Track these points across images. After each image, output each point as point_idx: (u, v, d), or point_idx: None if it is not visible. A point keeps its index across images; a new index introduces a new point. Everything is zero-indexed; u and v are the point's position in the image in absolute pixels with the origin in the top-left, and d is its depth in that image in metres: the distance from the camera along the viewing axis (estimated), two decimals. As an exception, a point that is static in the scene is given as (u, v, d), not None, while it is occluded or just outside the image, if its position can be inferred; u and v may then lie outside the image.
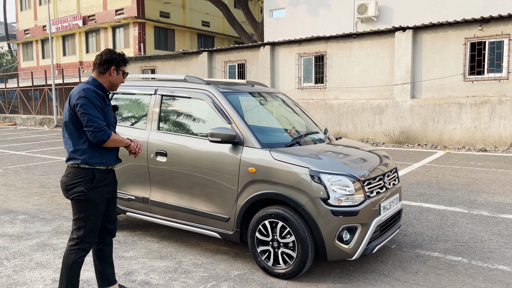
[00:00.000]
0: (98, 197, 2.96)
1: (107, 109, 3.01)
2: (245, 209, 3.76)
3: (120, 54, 3.06)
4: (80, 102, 2.85)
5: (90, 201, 2.93)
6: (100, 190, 2.97)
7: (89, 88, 2.91)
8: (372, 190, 3.66)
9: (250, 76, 16.01)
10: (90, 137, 2.86)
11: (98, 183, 2.95)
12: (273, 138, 4.11)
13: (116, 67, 3.05)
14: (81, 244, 2.97)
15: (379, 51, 13.06)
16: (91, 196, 2.92)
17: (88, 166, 2.92)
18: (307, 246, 3.46)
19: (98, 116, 2.88)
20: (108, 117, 3.02)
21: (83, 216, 2.94)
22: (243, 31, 24.03)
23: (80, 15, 31.58)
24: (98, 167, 2.96)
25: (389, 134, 12.82)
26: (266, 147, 3.77)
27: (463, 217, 5.44)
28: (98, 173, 2.96)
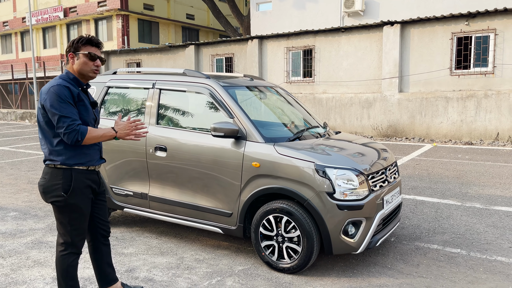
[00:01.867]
0: (80, 200, 2.71)
1: (82, 106, 2.71)
2: (248, 204, 3.74)
3: (80, 38, 2.69)
4: (48, 100, 2.58)
5: (72, 205, 2.69)
6: (81, 192, 2.72)
7: (59, 84, 2.62)
8: (376, 184, 3.68)
9: (238, 70, 15.92)
10: (64, 138, 2.59)
11: (78, 185, 2.69)
12: (276, 132, 4.08)
13: (74, 52, 2.69)
14: (71, 248, 2.77)
15: (367, 45, 13.13)
16: (72, 200, 2.67)
17: (66, 166, 2.67)
18: (312, 240, 3.46)
19: (70, 114, 2.58)
20: (85, 115, 2.72)
21: (67, 221, 2.72)
22: (229, 24, 23.84)
23: (61, 6, 30.86)
24: (77, 167, 2.70)
25: (377, 127, 12.94)
26: (270, 141, 3.75)
27: (457, 209, 5.52)
28: (78, 174, 2.70)
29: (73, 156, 2.69)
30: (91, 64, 2.72)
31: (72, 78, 2.73)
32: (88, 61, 2.70)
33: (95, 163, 2.81)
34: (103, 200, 2.99)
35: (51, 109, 2.58)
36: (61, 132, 2.58)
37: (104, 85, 4.93)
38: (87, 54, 2.68)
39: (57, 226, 2.78)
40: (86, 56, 2.69)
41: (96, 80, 5.07)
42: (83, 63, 2.70)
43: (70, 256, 2.78)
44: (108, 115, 4.79)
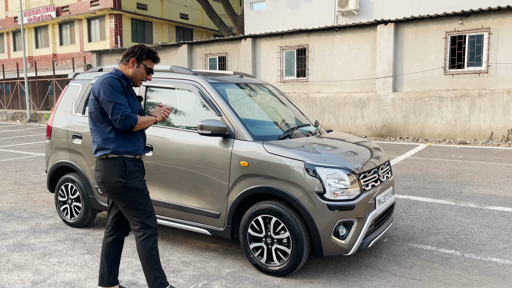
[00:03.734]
0: (137, 182, 2.89)
1: (130, 98, 2.94)
2: (236, 204, 3.62)
3: (144, 48, 2.94)
4: (102, 90, 2.80)
5: (132, 189, 2.86)
6: (137, 176, 2.91)
7: (111, 76, 2.86)
8: (368, 184, 3.57)
9: (231, 69, 15.78)
10: (117, 125, 2.79)
11: (132, 169, 2.89)
12: (265, 130, 3.97)
13: (137, 60, 2.93)
14: (147, 230, 2.90)
15: (361, 44, 13.05)
16: (131, 183, 2.86)
17: (116, 155, 2.86)
18: (302, 242, 3.34)
19: (123, 102, 2.81)
20: (133, 106, 2.93)
21: (133, 205, 2.88)
22: (223, 24, 23.71)
23: (54, 6, 30.56)
24: (127, 155, 2.88)
25: (371, 127, 12.86)
26: (258, 140, 3.63)
27: (451, 209, 5.43)
28: (130, 161, 2.89)
29: (123, 144, 2.87)
30: (145, 75, 2.99)
31: (120, 75, 2.93)
32: (144, 73, 2.97)
33: (141, 152, 2.99)
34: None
35: (105, 97, 2.78)
36: (117, 118, 2.77)
37: (90, 83, 4.79)
38: (148, 68, 2.96)
39: (127, 215, 2.94)
40: (145, 69, 2.96)
41: (81, 77, 4.94)
42: (140, 73, 2.96)
43: (149, 239, 2.90)
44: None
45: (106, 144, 2.87)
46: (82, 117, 4.71)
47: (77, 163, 4.68)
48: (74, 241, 4.40)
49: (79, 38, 29.57)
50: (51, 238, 4.50)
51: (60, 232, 4.69)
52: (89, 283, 3.44)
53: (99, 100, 2.83)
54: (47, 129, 5.02)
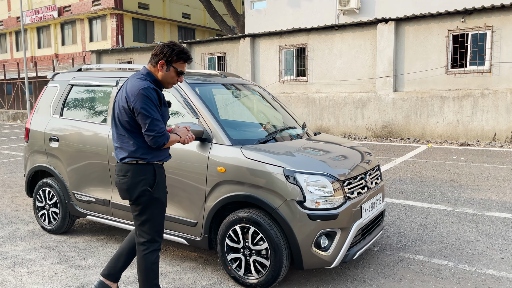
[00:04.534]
0: (162, 194, 2.78)
1: (164, 108, 2.74)
2: (213, 212, 3.40)
3: (175, 49, 2.66)
4: (139, 102, 2.57)
5: (156, 200, 2.73)
6: (163, 186, 2.80)
7: (149, 86, 2.61)
8: (353, 191, 3.34)
9: (230, 69, 15.58)
10: (149, 142, 2.62)
11: (161, 179, 2.77)
12: (246, 134, 3.75)
13: (167, 63, 2.68)
14: (153, 245, 2.78)
15: (361, 43, 12.79)
16: (156, 194, 2.73)
17: (146, 162, 2.71)
18: (281, 254, 3.12)
19: (159, 118, 2.63)
20: (164, 117, 2.75)
21: (150, 217, 2.74)
22: (224, 23, 23.52)
23: (55, 6, 30.50)
24: (156, 162, 2.75)
25: (371, 128, 12.59)
26: (237, 144, 3.41)
27: (448, 215, 5.19)
28: (158, 168, 2.76)
29: (156, 155, 2.74)
30: (176, 78, 2.75)
31: (153, 80, 2.72)
32: (175, 76, 2.73)
33: (168, 158, 2.88)
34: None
35: (142, 111, 2.57)
36: (151, 135, 2.59)
37: (68, 83, 4.60)
38: (178, 71, 2.71)
39: (137, 225, 2.78)
40: (176, 72, 2.71)
41: (60, 77, 4.75)
42: (170, 76, 2.72)
43: (153, 253, 2.78)
44: (72, 115, 4.45)
45: (141, 153, 2.69)
46: (59, 119, 4.51)
47: (54, 167, 4.49)
48: (48, 249, 4.20)
49: (81, 38, 29.49)
50: (26, 245, 4.31)
51: (36, 239, 4.50)
52: (55, 296, 3.24)
53: (133, 111, 2.60)
54: (25, 131, 4.83)
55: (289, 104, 14.02)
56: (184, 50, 2.72)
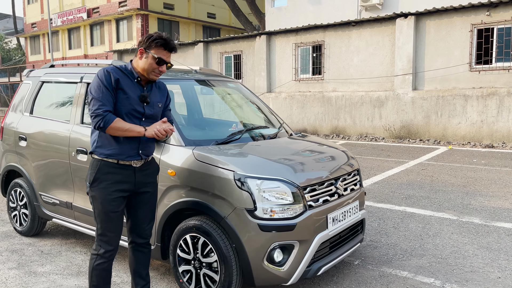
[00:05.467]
0: (100, 195, 2.57)
1: (121, 95, 2.54)
2: (164, 220, 3.11)
3: (153, 35, 2.55)
4: (92, 83, 2.56)
5: (93, 198, 2.62)
6: (105, 188, 2.57)
7: (104, 69, 2.56)
8: (318, 198, 2.97)
9: (246, 67, 15.30)
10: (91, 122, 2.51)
11: (102, 178, 2.57)
12: (204, 134, 3.45)
13: (145, 50, 2.56)
14: (98, 248, 2.65)
15: (379, 39, 12.20)
16: (94, 192, 2.60)
17: (96, 156, 2.60)
18: (231, 268, 2.79)
19: (102, 99, 2.48)
20: (123, 103, 2.54)
21: (95, 215, 2.65)
22: (248, 22, 23.30)
23: (85, 7, 31.21)
24: (107, 159, 2.57)
25: (389, 128, 11.99)
26: (192, 144, 3.11)
27: (450, 225, 4.69)
28: (105, 167, 2.57)
29: (105, 145, 2.58)
30: (156, 67, 2.58)
31: (124, 68, 2.63)
32: (153, 63, 2.57)
33: (129, 159, 2.61)
34: (144, 202, 2.76)
35: (89, 91, 2.55)
36: (90, 114, 2.50)
37: (39, 80, 4.43)
38: (155, 58, 2.55)
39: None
40: (154, 59, 2.56)
41: (33, 74, 4.60)
42: (149, 64, 2.57)
43: (96, 258, 2.65)
44: (40, 113, 4.28)
45: (92, 142, 2.64)
46: (29, 117, 4.36)
47: (23, 167, 4.33)
48: (12, 253, 4.04)
49: (108, 38, 30.02)
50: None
51: (5, 241, 4.36)
52: (-6, 305, 3.05)
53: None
54: (0, 129, 4.71)
55: (305, 103, 13.59)
56: (163, 37, 2.55)
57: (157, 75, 2.63)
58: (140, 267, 2.86)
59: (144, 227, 2.81)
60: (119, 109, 2.55)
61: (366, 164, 8.44)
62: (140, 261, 2.85)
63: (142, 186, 2.71)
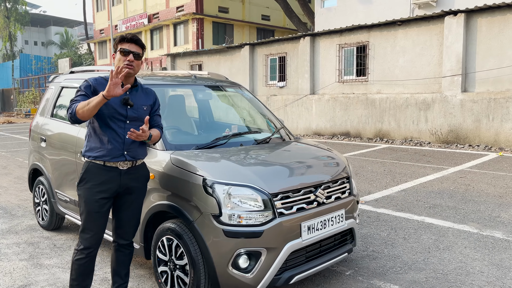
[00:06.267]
0: (86, 195, 2.72)
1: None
2: (146, 221, 3.23)
3: (116, 38, 2.79)
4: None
5: (80, 197, 2.77)
6: (89, 188, 2.71)
7: (88, 79, 2.79)
8: (291, 206, 2.92)
9: (290, 69, 15.25)
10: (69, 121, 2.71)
11: (89, 179, 2.72)
12: (187, 138, 3.51)
13: (115, 52, 2.77)
14: (79, 244, 2.78)
15: (427, 39, 11.62)
16: (80, 191, 2.76)
17: (85, 158, 2.77)
18: (199, 271, 2.84)
19: (76, 98, 2.67)
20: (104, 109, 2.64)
21: (80, 213, 2.80)
22: (301, 23, 23.23)
23: (146, 13, 32.76)
24: (95, 161, 2.72)
25: (435, 132, 11.37)
26: (173, 148, 3.20)
27: (467, 238, 4.38)
28: (93, 168, 2.73)
29: (92, 148, 2.74)
30: (124, 59, 2.70)
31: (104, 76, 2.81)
32: (121, 57, 2.71)
33: (114, 160, 2.72)
34: (127, 205, 2.87)
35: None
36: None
37: (59, 85, 4.77)
38: (120, 50, 2.71)
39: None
40: (120, 53, 2.72)
41: (55, 80, 4.96)
42: (118, 60, 2.74)
43: (76, 252, 2.79)
44: (58, 116, 4.61)
45: (84, 146, 2.81)
46: (49, 120, 4.70)
47: (43, 166, 4.68)
48: (28, 245, 4.38)
49: (166, 42, 31.29)
50: (13, 240, 4.55)
51: (27, 234, 4.73)
52: (-6, 293, 3.33)
53: None
54: (29, 131, 5.13)
55: (348, 105, 13.28)
56: (124, 35, 2.73)
57: (128, 66, 2.69)
58: (119, 267, 2.98)
59: (126, 229, 2.92)
60: (102, 113, 2.67)
61: (400, 170, 8.09)
62: (119, 261, 2.97)
63: (127, 189, 2.82)
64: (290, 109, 15.08)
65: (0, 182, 7.82)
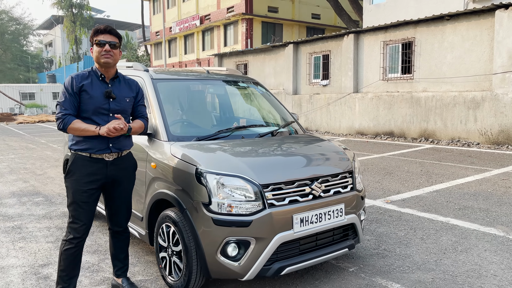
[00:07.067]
0: (73, 186, 2.81)
1: (84, 96, 2.76)
2: (149, 208, 3.38)
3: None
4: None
5: (68, 188, 2.86)
6: (76, 180, 2.81)
7: (71, 75, 2.83)
8: (283, 198, 2.94)
9: (333, 67, 15.03)
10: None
11: (75, 170, 2.81)
12: (190, 130, 3.61)
13: (91, 46, 2.84)
14: (67, 235, 2.86)
15: (477, 34, 10.99)
16: (67, 183, 2.85)
17: (72, 151, 2.86)
18: (191, 258, 2.93)
19: (63, 104, 2.74)
20: (86, 104, 2.77)
21: (68, 204, 2.90)
22: (351, 21, 22.83)
23: (198, 15, 33.65)
24: (81, 153, 2.82)
25: (485, 133, 10.73)
26: (175, 140, 3.32)
27: (490, 241, 4.14)
28: (79, 160, 2.82)
29: (78, 142, 2.82)
30: (100, 50, 2.78)
31: (93, 70, 2.87)
32: (97, 48, 2.79)
33: (100, 152, 2.82)
34: (117, 194, 3.00)
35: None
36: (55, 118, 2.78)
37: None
38: (96, 42, 2.79)
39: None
40: (97, 45, 2.79)
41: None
42: (95, 52, 2.80)
43: (64, 243, 2.87)
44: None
45: (69, 139, 2.92)
46: None
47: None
48: (57, 229, 4.72)
49: (217, 43, 31.93)
50: (46, 224, 4.92)
51: (59, 220, 5.09)
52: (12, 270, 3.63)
53: None
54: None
55: (392, 104, 12.86)
56: (99, 26, 2.80)
57: (106, 56, 2.78)
58: (117, 252, 3.15)
59: (120, 218, 3.08)
60: (86, 109, 2.77)
61: (438, 171, 7.74)
62: (117, 246, 3.14)
63: (115, 180, 2.93)
64: (332, 107, 14.86)
65: (50, 173, 8.44)
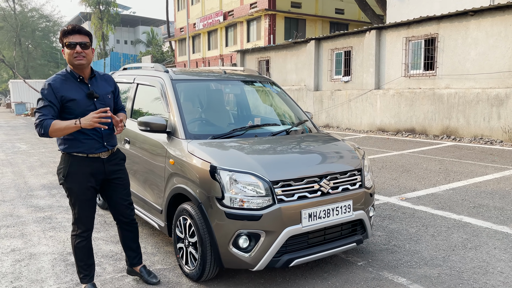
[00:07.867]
0: (75, 185, 2.90)
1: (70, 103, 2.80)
2: (168, 202, 3.60)
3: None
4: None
5: (69, 189, 2.93)
6: (78, 179, 2.89)
7: (48, 81, 2.80)
8: (293, 194, 3.10)
9: (355, 64, 14.99)
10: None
11: (74, 171, 2.89)
12: (206, 129, 3.80)
13: (62, 48, 2.82)
14: (76, 230, 3.01)
15: (502, 29, 10.79)
16: (68, 184, 2.91)
17: (66, 152, 2.91)
18: (206, 248, 3.14)
19: (42, 110, 2.74)
20: (75, 109, 2.82)
21: (70, 202, 2.98)
22: (375, 16, 22.60)
23: (221, 11, 33.91)
24: (77, 154, 2.89)
25: (509, 130, 10.56)
26: (192, 138, 3.52)
27: (501, 239, 4.20)
28: (75, 160, 2.89)
29: (71, 145, 2.89)
30: (72, 52, 2.77)
31: (69, 72, 2.88)
32: (68, 51, 2.78)
33: (96, 151, 2.94)
34: (117, 187, 3.14)
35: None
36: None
37: (113, 81, 5.34)
38: (66, 44, 2.77)
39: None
40: (66, 47, 2.77)
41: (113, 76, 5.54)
42: (67, 54, 2.79)
43: (76, 238, 3.03)
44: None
45: (58, 143, 2.95)
46: None
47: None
48: (83, 220, 5.02)
49: (240, 39, 32.12)
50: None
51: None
52: (43, 257, 3.92)
53: None
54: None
55: (414, 101, 12.77)
56: (66, 27, 2.78)
57: (79, 58, 2.78)
58: (129, 242, 3.32)
59: (123, 209, 3.20)
60: (75, 114, 2.80)
61: (457, 168, 7.72)
62: (127, 237, 3.31)
63: (113, 174, 3.08)
64: (354, 104, 14.85)
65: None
